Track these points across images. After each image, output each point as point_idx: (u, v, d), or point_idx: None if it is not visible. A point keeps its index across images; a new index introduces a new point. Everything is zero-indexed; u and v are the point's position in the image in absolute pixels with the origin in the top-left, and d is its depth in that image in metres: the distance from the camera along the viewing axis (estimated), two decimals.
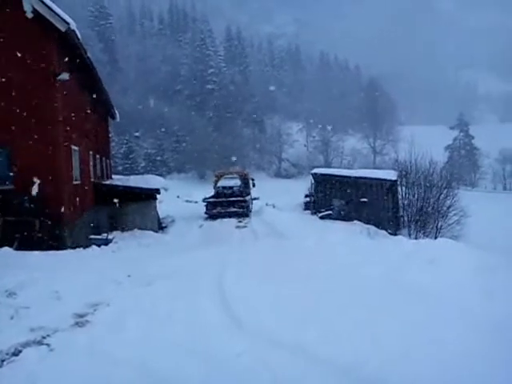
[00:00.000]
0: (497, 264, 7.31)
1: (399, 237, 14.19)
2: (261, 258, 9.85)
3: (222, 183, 25.07)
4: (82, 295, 6.88)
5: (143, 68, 76.37)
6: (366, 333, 4.87)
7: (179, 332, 5.15)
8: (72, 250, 11.46)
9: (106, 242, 14.02)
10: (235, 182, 24.95)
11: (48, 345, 4.93)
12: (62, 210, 11.92)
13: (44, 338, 5.14)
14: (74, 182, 13.85)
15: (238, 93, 72.62)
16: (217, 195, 24.40)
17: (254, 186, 27.95)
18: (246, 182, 26.42)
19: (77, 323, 5.74)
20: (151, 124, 65.82)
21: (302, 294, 6.29)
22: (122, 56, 77.16)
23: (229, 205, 23.28)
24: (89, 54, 13.77)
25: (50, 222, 11.53)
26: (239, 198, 23.56)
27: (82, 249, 12.10)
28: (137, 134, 63.44)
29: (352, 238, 13.33)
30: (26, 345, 4.92)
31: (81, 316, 6.02)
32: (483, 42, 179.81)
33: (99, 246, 13.06)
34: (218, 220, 22.75)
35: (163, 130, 65.54)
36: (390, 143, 74.08)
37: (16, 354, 4.71)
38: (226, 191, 24.03)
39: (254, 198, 27.76)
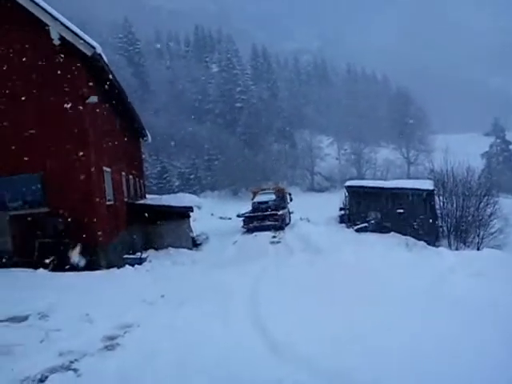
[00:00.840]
0: None
1: (440, 248, 13.57)
2: (296, 274, 9.47)
3: (257, 199, 26.44)
4: (113, 317, 6.72)
5: (173, 90, 77.81)
6: (412, 357, 4.45)
7: (213, 356, 4.84)
8: (106, 271, 11.42)
9: (140, 262, 13.92)
10: (270, 197, 26.04)
11: (75, 370, 4.74)
12: (96, 231, 11.95)
13: (72, 362, 4.95)
14: (107, 203, 13.91)
15: (266, 109, 72.91)
16: (253, 210, 25.58)
17: (291, 200, 29.28)
18: (281, 197, 27.42)
19: (106, 347, 5.54)
20: (183, 143, 66.77)
21: (342, 314, 5.88)
22: (152, 79, 78.93)
23: (264, 218, 24.37)
24: (117, 77, 13.91)
25: (84, 243, 11.58)
26: (273, 212, 24.58)
27: (116, 269, 12.05)
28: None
29: (391, 251, 12.80)
30: (54, 370, 4.73)
31: (111, 339, 5.82)
32: (506, 45, 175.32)
33: (133, 265, 12.97)
34: (252, 235, 22.62)
35: (195, 148, 66.35)
36: (424, 153, 72.39)
37: (42, 380, 4.53)
38: (261, 206, 25.23)
39: (290, 212, 28.51)
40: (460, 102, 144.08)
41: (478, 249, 19.83)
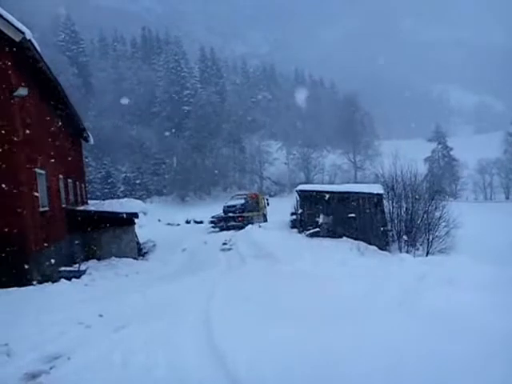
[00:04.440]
0: None
1: (404, 255, 13.21)
2: (252, 288, 8.59)
3: (228, 203, 31.04)
4: (39, 346, 5.63)
5: (119, 91, 75.29)
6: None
7: None
8: (37, 286, 10.12)
9: (79, 275, 12.64)
10: (239, 202, 30.46)
11: None
12: (27, 241, 10.62)
13: None
14: (41, 209, 12.53)
15: (215, 113, 71.87)
16: (223, 212, 30.01)
17: (268, 204, 33.75)
18: (255, 202, 31.35)
19: None
20: (129, 147, 64.55)
21: (313, 335, 5.08)
22: (96, 80, 76.13)
23: (230, 219, 28.66)
24: (52, 70, 12.58)
25: (12, 256, 10.23)
26: (238, 215, 28.88)
27: (50, 283, 10.76)
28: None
29: (349, 258, 12.26)
30: None
31: (33, 376, 4.75)
32: (448, 56, 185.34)
33: (70, 279, 11.70)
34: (203, 243, 21.82)
35: (141, 152, 64.36)
36: (370, 158, 74.04)
37: None
38: (230, 209, 29.67)
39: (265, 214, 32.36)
40: (405, 109, 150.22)
41: (428, 252, 19.94)
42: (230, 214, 29.25)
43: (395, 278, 7.47)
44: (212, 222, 30.02)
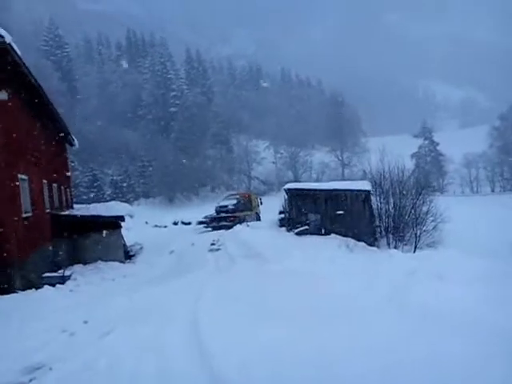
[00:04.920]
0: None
1: (392, 250, 13.15)
2: (241, 288, 8.47)
3: (221, 203, 31.34)
4: (20, 356, 5.45)
5: (104, 95, 74.74)
6: None
7: None
8: (20, 294, 9.89)
9: (63, 280, 12.39)
10: (231, 202, 30.77)
11: None
12: (8, 248, 10.38)
13: None
14: (24, 215, 12.27)
15: (202, 114, 71.54)
16: (216, 213, 30.46)
17: (261, 203, 34.54)
18: (247, 201, 32.03)
19: None
20: (115, 150, 64.06)
21: (301, 338, 4.96)
22: (81, 84, 75.45)
23: (222, 219, 28.95)
24: (33, 74, 12.32)
25: None
26: (229, 215, 29.27)
27: (34, 290, 10.53)
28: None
29: (339, 255, 12.20)
30: None
31: None
32: (433, 52, 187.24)
33: (54, 285, 11.46)
34: (190, 244, 21.56)
35: (128, 155, 63.92)
36: (357, 155, 74.47)
37: None
38: (222, 209, 30.11)
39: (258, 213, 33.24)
40: (391, 106, 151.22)
41: (416, 247, 20.01)
42: (223, 214, 29.59)
43: (385, 275, 7.40)
44: (203, 223, 30.48)
